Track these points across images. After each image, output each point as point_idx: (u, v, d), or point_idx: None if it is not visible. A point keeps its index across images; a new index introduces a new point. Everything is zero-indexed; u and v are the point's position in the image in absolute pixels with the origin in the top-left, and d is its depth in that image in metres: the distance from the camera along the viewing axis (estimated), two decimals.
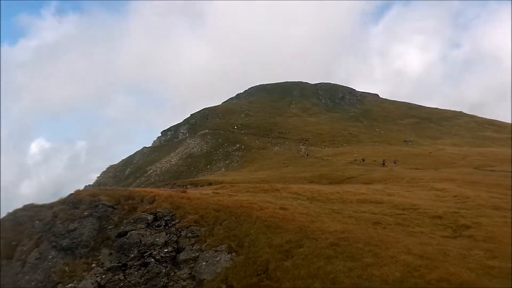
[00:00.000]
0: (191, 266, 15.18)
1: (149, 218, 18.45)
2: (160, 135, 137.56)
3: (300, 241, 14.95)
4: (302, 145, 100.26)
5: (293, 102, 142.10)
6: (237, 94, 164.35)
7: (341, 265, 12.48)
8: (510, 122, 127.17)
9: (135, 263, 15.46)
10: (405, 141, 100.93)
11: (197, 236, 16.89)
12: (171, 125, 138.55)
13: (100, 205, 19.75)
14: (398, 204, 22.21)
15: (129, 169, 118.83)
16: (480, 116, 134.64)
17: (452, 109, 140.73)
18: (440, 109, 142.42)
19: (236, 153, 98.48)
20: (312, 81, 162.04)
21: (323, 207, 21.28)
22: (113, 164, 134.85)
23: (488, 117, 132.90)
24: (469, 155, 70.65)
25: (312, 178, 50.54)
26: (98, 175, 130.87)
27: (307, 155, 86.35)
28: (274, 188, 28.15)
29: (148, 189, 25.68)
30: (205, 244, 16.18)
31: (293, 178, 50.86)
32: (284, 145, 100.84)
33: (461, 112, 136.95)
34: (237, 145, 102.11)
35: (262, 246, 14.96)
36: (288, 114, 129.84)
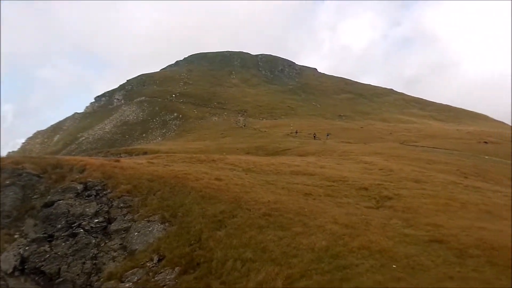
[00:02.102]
0: (123, 236, 14.95)
1: (78, 188, 17.74)
2: (94, 100, 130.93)
3: (234, 211, 15.24)
4: (241, 116, 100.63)
5: (233, 72, 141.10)
6: (176, 62, 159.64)
7: (272, 234, 12.94)
8: (434, 100, 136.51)
9: (63, 234, 14.90)
10: (340, 115, 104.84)
11: (130, 206, 16.58)
12: (106, 91, 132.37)
13: (24, 174, 18.58)
14: (329, 176, 23.24)
15: (58, 136, 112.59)
16: (409, 94, 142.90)
17: (390, 85, 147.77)
18: (373, 85, 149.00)
19: (173, 122, 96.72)
20: (256, 52, 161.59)
21: (258, 178, 21.73)
22: (40, 130, 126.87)
23: (416, 95, 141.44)
24: (396, 131, 75.20)
25: (249, 150, 51.18)
26: (24, 141, 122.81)
27: (244, 126, 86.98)
28: (211, 158, 28.18)
29: (78, 158, 24.57)
30: (138, 214, 15.96)
31: (230, 149, 51.14)
32: (223, 116, 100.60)
33: (391, 89, 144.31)
34: (175, 114, 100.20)
35: (195, 216, 15.06)
36: (228, 84, 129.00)
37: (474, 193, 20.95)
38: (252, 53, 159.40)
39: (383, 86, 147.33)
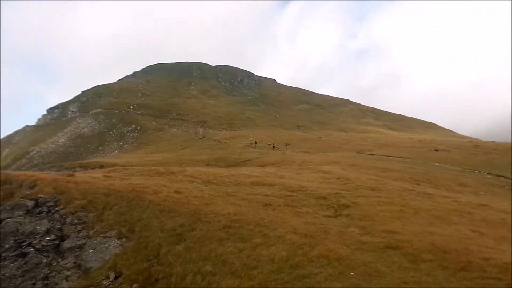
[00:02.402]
0: (77, 254, 14.32)
1: (29, 204, 16.86)
2: (46, 113, 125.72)
3: (193, 224, 15.03)
4: (200, 127, 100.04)
5: (192, 83, 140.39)
6: (134, 72, 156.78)
7: (232, 247, 12.87)
8: (387, 110, 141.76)
9: (11, 254, 14.07)
10: (298, 126, 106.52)
11: (84, 222, 15.95)
12: (59, 103, 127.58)
13: None
14: (288, 186, 23.49)
15: (7, 150, 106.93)
16: (364, 104, 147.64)
17: (346, 95, 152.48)
18: (331, 96, 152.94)
19: (131, 134, 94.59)
20: (215, 63, 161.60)
21: (218, 190, 21.61)
22: None
23: (371, 105, 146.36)
24: (353, 140, 77.29)
25: (209, 161, 50.87)
26: None
27: (204, 137, 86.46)
28: (170, 171, 27.73)
29: (29, 173, 23.40)
30: (93, 230, 15.37)
31: (190, 161, 50.63)
32: (182, 127, 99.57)
33: (348, 100, 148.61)
34: (133, 126, 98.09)
35: (154, 231, 14.72)
36: (187, 95, 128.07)
37: (426, 199, 21.85)
38: (211, 64, 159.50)
39: (340, 97, 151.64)
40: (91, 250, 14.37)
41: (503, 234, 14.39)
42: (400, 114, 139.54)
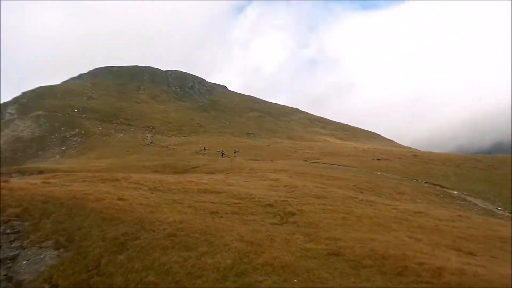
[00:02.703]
0: (8, 266, 13.41)
1: None
2: None
3: (137, 232, 14.61)
4: (148, 133, 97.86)
5: (141, 87, 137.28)
6: (80, 75, 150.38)
7: (177, 256, 12.63)
8: (334, 119, 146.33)
9: None
10: (248, 133, 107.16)
11: (19, 231, 14.99)
12: None
13: None
14: (236, 194, 23.50)
15: None
16: (313, 113, 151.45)
17: (298, 104, 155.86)
18: (280, 104, 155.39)
19: (74, 139, 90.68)
20: (166, 68, 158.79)
21: (164, 197, 21.18)
22: None
23: (320, 115, 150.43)
24: (301, 148, 78.98)
25: (156, 168, 49.81)
26: None
27: (152, 143, 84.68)
28: (114, 177, 26.84)
29: None
30: (28, 240, 14.49)
31: (136, 167, 49.29)
32: (129, 132, 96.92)
33: (297, 108, 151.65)
34: (77, 130, 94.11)
35: (95, 240, 14.12)
36: (135, 100, 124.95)
37: (368, 207, 22.72)
38: (162, 69, 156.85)
39: (290, 105, 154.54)
40: (25, 262, 13.53)
41: (437, 240, 15.25)
42: (346, 124, 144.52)
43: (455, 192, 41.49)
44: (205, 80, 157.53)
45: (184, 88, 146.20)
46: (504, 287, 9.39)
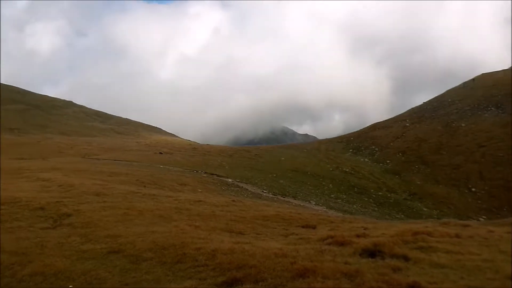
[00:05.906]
0: None
1: None
2: None
3: None
4: None
5: None
6: None
7: None
8: (114, 113, 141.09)
9: None
10: (11, 129, 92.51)
11: None
12: None
13: None
14: None
15: None
16: (91, 106, 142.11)
17: (75, 96, 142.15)
18: (51, 97, 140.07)
19: None
20: None
21: None
22: None
23: (103, 105, 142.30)
24: (77, 144, 73.15)
25: None
26: None
27: None
28: None
29: None
30: None
31: None
32: None
33: (71, 101, 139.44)
34: None
35: None
36: None
37: (151, 200, 22.82)
38: None
39: (65, 98, 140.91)
40: None
41: (213, 225, 16.54)
42: (126, 118, 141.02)
43: (229, 179, 45.90)
44: None
45: None
46: (264, 258, 10.85)
